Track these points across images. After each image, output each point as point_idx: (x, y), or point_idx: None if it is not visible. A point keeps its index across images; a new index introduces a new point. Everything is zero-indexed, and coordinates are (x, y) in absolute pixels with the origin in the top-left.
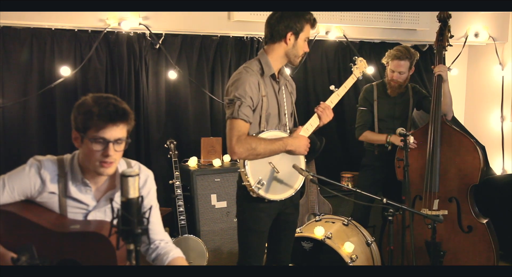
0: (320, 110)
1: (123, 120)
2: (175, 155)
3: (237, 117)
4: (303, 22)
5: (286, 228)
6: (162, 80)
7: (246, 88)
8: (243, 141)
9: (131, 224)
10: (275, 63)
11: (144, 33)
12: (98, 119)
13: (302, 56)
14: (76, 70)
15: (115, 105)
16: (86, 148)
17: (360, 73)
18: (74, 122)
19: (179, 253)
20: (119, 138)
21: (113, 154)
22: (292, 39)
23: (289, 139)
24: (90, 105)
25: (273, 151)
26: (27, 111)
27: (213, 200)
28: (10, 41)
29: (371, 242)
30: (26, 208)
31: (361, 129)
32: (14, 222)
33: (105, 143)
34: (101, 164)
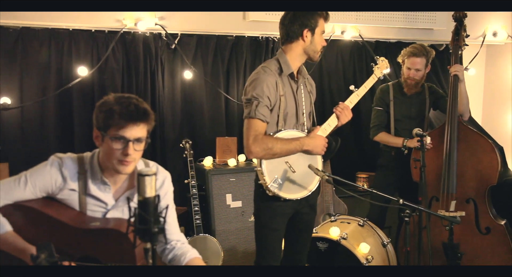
0: (338, 110)
1: (144, 120)
2: (190, 154)
3: (254, 117)
4: (316, 17)
5: (302, 228)
6: (177, 80)
7: (263, 87)
8: (260, 140)
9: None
10: (294, 62)
11: (160, 33)
12: (119, 117)
13: (321, 50)
14: (93, 70)
15: (136, 105)
16: (107, 146)
17: (381, 73)
18: (95, 121)
19: (196, 254)
20: (139, 137)
21: (132, 153)
22: (308, 35)
23: (306, 139)
24: (112, 104)
25: (289, 151)
26: (45, 110)
27: (228, 199)
28: (29, 42)
29: (387, 243)
30: (47, 204)
31: (377, 129)
32: (36, 218)
33: (125, 142)
34: (120, 163)
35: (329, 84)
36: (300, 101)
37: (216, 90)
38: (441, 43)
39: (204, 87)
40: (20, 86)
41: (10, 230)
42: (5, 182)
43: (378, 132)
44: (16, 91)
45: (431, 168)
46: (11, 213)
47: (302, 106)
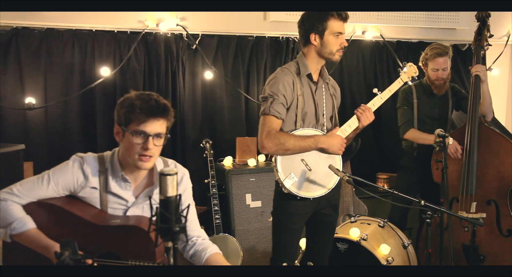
0: (359, 111)
1: (164, 115)
2: (210, 154)
3: (269, 113)
4: (324, 19)
5: (323, 229)
6: (198, 80)
7: (279, 86)
8: (273, 136)
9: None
10: (312, 64)
11: (181, 34)
12: (140, 112)
13: (338, 51)
14: (115, 70)
15: (157, 100)
16: (127, 141)
17: (409, 78)
18: (116, 117)
19: (216, 250)
20: (159, 132)
21: (152, 148)
22: (317, 39)
23: (321, 136)
24: (133, 99)
25: (303, 148)
26: (69, 110)
27: (247, 199)
28: (53, 43)
29: (407, 245)
30: (70, 202)
31: (407, 126)
32: (59, 215)
33: (145, 137)
34: (140, 158)
35: (349, 85)
36: (320, 102)
37: (237, 90)
38: (463, 43)
39: (225, 87)
40: (44, 86)
41: (34, 227)
42: (28, 181)
43: (408, 128)
44: (40, 91)
45: (452, 169)
46: (35, 210)
47: (322, 108)
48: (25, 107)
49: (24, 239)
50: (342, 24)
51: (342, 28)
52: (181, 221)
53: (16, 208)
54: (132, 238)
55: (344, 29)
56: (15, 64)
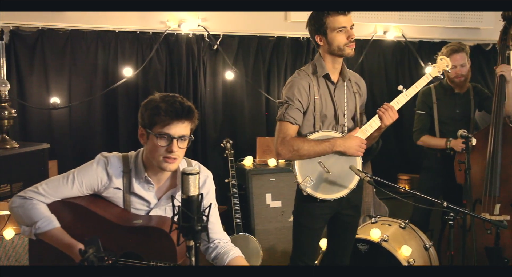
0: (381, 111)
1: (188, 118)
2: (231, 154)
3: (283, 120)
4: (322, 19)
5: (344, 230)
6: (219, 81)
7: (294, 91)
8: (287, 142)
9: (191, 221)
10: (329, 64)
11: (202, 34)
12: (165, 115)
13: (347, 45)
14: (137, 70)
15: (181, 103)
16: (151, 143)
17: (439, 72)
18: (141, 119)
19: (238, 253)
20: (183, 135)
21: (176, 150)
22: (322, 39)
23: (338, 140)
24: (158, 102)
25: (318, 153)
26: (92, 110)
27: (268, 199)
28: (77, 43)
29: (429, 247)
30: (93, 202)
31: (419, 133)
32: (82, 215)
33: (169, 139)
34: (164, 160)
35: (370, 85)
36: (339, 102)
37: (257, 90)
38: (487, 42)
39: (245, 88)
40: (69, 86)
41: (58, 226)
42: (53, 180)
43: (421, 135)
44: (65, 91)
45: (475, 170)
46: (59, 209)
47: (343, 108)
48: (50, 107)
49: (48, 238)
50: (342, 18)
51: (345, 22)
52: (203, 220)
53: (42, 207)
54: (154, 239)
55: (347, 22)
56: (41, 65)
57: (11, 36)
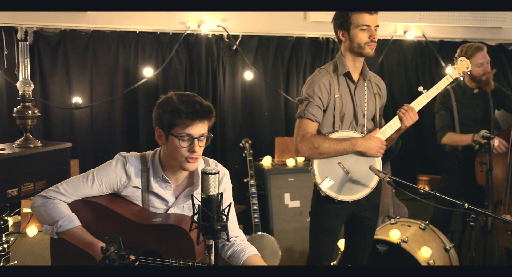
0: (402, 111)
1: (208, 117)
2: (250, 154)
3: (303, 117)
4: (347, 14)
5: (362, 231)
6: (238, 81)
7: (315, 88)
8: (307, 139)
9: (211, 220)
10: (349, 62)
11: (222, 34)
12: (186, 117)
13: (368, 44)
14: (158, 71)
15: (200, 103)
16: (172, 145)
17: (459, 74)
18: (158, 120)
19: (254, 251)
20: (203, 133)
21: (198, 150)
22: (345, 34)
23: (359, 140)
24: (177, 104)
25: (338, 151)
26: (113, 110)
27: (286, 199)
28: (99, 44)
29: (449, 248)
30: (113, 200)
31: (443, 131)
32: (102, 213)
33: (191, 140)
34: (187, 160)
35: (390, 85)
36: (360, 102)
37: (276, 90)
38: (510, 42)
39: (264, 88)
40: (90, 86)
41: (79, 225)
42: (74, 180)
43: (445, 133)
44: (86, 91)
45: (497, 171)
46: (80, 208)
47: (363, 107)
48: (72, 106)
49: (69, 236)
50: (368, 16)
51: (370, 21)
52: (223, 220)
53: (63, 206)
54: (173, 236)
55: (372, 21)
56: (63, 65)
57: (34, 37)
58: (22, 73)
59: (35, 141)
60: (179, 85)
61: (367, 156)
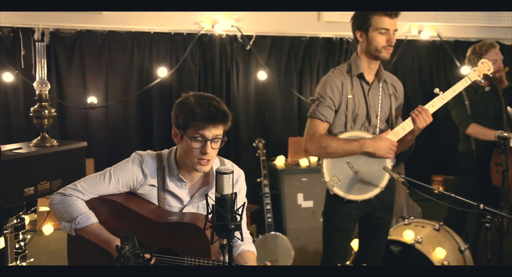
0: (415, 113)
1: (223, 122)
2: (263, 154)
3: (314, 116)
4: (367, 15)
5: (376, 231)
6: (251, 81)
7: (327, 88)
8: (315, 139)
9: (225, 220)
10: (363, 63)
11: (235, 35)
12: (199, 119)
13: (385, 48)
14: (172, 71)
15: (217, 107)
16: (185, 144)
17: (479, 76)
18: (175, 119)
19: (251, 248)
20: (216, 135)
21: (210, 152)
22: (363, 36)
23: (367, 140)
24: (193, 105)
25: (346, 152)
26: (127, 109)
27: (299, 199)
28: (114, 45)
29: (464, 249)
30: (129, 199)
31: (467, 122)
32: (118, 211)
33: (203, 141)
34: (199, 161)
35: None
36: (373, 103)
37: (289, 90)
38: None
39: (278, 88)
40: (105, 86)
41: (96, 222)
42: (91, 178)
43: (469, 123)
44: (102, 91)
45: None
46: (97, 206)
47: (376, 108)
48: (87, 106)
49: (87, 233)
50: (388, 19)
51: (389, 24)
52: (236, 219)
53: (80, 203)
54: (188, 234)
55: (391, 25)
56: (79, 65)
57: (51, 38)
58: (39, 73)
59: (51, 141)
60: (193, 85)
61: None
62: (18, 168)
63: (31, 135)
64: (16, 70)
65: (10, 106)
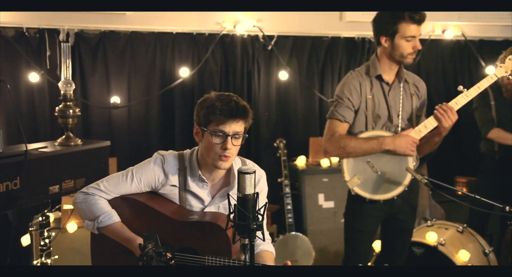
0: (440, 111)
1: (243, 117)
2: (284, 154)
3: (332, 117)
4: (395, 23)
5: (398, 232)
6: (273, 81)
7: (345, 90)
8: (334, 139)
9: (247, 220)
10: (383, 65)
11: (257, 35)
12: (220, 113)
13: (411, 54)
14: (193, 71)
15: (237, 102)
16: (206, 141)
17: (507, 72)
18: (196, 117)
19: (269, 248)
20: (237, 132)
21: (231, 148)
22: (388, 41)
23: (387, 138)
24: (214, 100)
25: (365, 150)
26: (150, 109)
27: (320, 199)
28: (137, 45)
29: (489, 252)
30: (151, 198)
31: (489, 126)
32: (141, 210)
33: (224, 137)
34: (220, 158)
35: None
36: (394, 103)
37: (311, 90)
38: None
39: (299, 88)
40: (128, 86)
41: (119, 221)
42: (113, 177)
43: (491, 127)
44: (124, 91)
45: None
46: (119, 205)
47: (397, 108)
48: (110, 106)
49: (109, 232)
50: (415, 27)
51: (416, 31)
52: (258, 219)
53: (103, 202)
54: (209, 234)
55: (418, 31)
56: (103, 66)
57: (75, 38)
58: (64, 73)
59: (75, 140)
60: (215, 85)
61: (399, 155)
62: (43, 166)
63: (56, 134)
64: (42, 71)
65: (36, 106)
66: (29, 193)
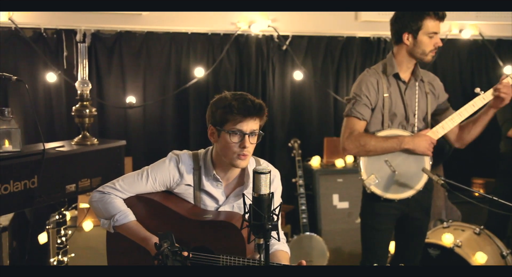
0: (503, 92)
1: (259, 115)
2: (298, 154)
3: (350, 115)
4: (420, 19)
5: (412, 233)
6: (287, 81)
7: (362, 87)
8: (353, 138)
9: (262, 220)
10: (402, 63)
11: (272, 35)
12: (237, 113)
13: (431, 51)
14: (208, 71)
15: (252, 101)
16: (224, 141)
17: None
18: (211, 118)
19: (284, 248)
20: (254, 130)
21: (249, 146)
22: (410, 38)
23: (406, 137)
24: (229, 100)
25: (385, 149)
26: (165, 109)
27: (335, 200)
28: (152, 45)
29: (506, 255)
30: (166, 197)
31: (510, 123)
32: (156, 209)
33: (241, 135)
34: (238, 156)
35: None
36: (410, 102)
37: (325, 90)
38: None
39: (314, 88)
40: (144, 86)
41: (134, 220)
42: (129, 176)
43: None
44: (140, 90)
45: None
46: (135, 204)
47: (413, 107)
48: (126, 105)
49: (125, 230)
50: (438, 23)
51: (438, 28)
52: (273, 219)
53: (118, 201)
54: (223, 233)
55: (439, 28)
56: (118, 66)
57: (92, 39)
58: (81, 73)
59: (92, 139)
60: (229, 85)
61: (416, 155)
62: (60, 165)
63: (72, 133)
64: (59, 71)
65: (53, 106)
66: (46, 191)
